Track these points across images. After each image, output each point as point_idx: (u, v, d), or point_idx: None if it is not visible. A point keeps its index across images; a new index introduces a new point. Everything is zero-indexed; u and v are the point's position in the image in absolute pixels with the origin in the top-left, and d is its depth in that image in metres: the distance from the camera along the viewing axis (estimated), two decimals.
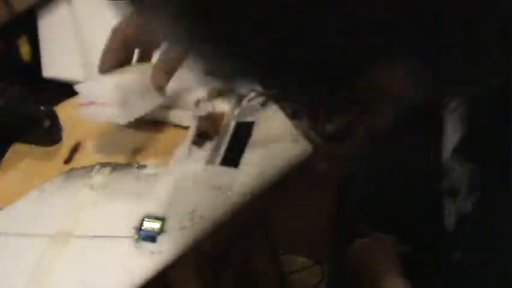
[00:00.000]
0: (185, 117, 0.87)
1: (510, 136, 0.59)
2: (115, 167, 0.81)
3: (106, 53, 0.83)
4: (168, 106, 0.89)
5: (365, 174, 0.88)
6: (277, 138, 0.80)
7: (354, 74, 0.40)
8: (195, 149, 0.81)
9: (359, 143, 0.68)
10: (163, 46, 0.82)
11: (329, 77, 0.39)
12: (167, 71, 0.81)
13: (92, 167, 0.81)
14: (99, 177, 0.79)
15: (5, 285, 0.69)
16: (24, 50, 1.03)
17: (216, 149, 0.82)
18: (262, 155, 0.78)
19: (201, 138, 0.81)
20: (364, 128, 0.66)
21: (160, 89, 0.82)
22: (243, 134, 0.83)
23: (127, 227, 0.72)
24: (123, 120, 0.78)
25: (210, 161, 0.80)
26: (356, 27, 0.35)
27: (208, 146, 0.81)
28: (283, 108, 0.85)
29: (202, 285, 0.84)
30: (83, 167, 0.82)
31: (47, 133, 0.89)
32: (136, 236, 0.70)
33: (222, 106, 0.86)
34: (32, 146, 0.90)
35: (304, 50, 0.36)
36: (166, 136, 0.87)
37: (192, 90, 0.91)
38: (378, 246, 0.85)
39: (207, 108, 0.86)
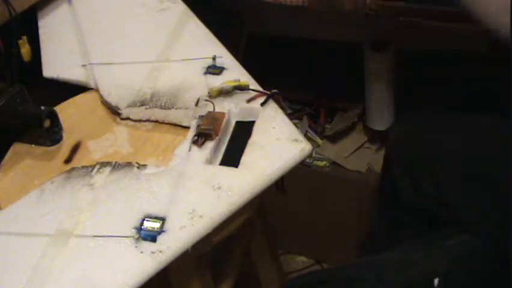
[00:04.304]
0: (185, 117, 0.87)
1: None
2: (115, 167, 0.81)
3: None
4: (168, 106, 0.89)
5: None
6: (277, 138, 0.80)
7: None
8: (194, 149, 0.81)
9: None
10: None
11: None
12: None
13: (92, 167, 0.81)
14: (99, 177, 0.79)
15: (5, 284, 0.69)
16: (24, 50, 1.03)
17: (216, 149, 0.82)
18: (262, 155, 0.78)
19: (200, 138, 0.81)
20: None
21: None
22: (243, 134, 0.83)
23: (127, 227, 0.72)
24: None
25: (210, 161, 0.80)
26: None
27: (208, 146, 0.81)
28: (283, 108, 0.85)
29: (202, 285, 0.84)
30: (83, 167, 0.82)
31: (47, 133, 0.89)
32: (136, 236, 0.70)
33: (222, 106, 0.86)
34: (32, 146, 0.90)
35: None
36: (166, 136, 0.87)
37: (192, 90, 0.91)
38: None
39: (207, 108, 0.86)
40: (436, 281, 0.76)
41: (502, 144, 0.81)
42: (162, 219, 0.72)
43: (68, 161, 0.87)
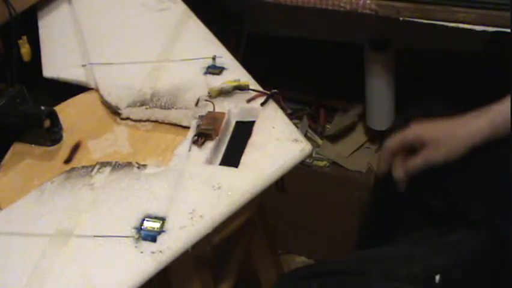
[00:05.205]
0: (185, 117, 0.87)
1: None
2: (115, 167, 0.81)
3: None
4: (168, 106, 0.90)
5: None
6: (277, 138, 0.80)
7: None
8: (194, 149, 0.81)
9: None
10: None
11: None
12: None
13: (92, 167, 0.81)
14: (99, 177, 0.79)
15: (5, 284, 0.69)
16: (24, 50, 1.03)
17: (216, 149, 0.82)
18: (262, 155, 0.78)
19: (200, 138, 0.81)
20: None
21: None
22: (243, 134, 0.83)
23: (127, 227, 0.72)
24: None
25: (210, 161, 0.80)
26: None
27: (208, 146, 0.81)
28: (283, 108, 0.85)
29: (202, 285, 0.85)
30: (83, 167, 0.82)
31: (47, 133, 0.89)
32: (136, 236, 0.70)
33: (222, 106, 0.86)
34: (32, 146, 0.90)
35: None
36: (166, 136, 0.87)
37: (192, 90, 0.91)
38: None
39: (207, 108, 0.86)
40: (438, 277, 0.76)
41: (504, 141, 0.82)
42: (162, 219, 0.72)
43: (68, 161, 0.87)
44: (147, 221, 0.72)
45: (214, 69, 0.93)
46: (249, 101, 0.86)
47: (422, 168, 0.84)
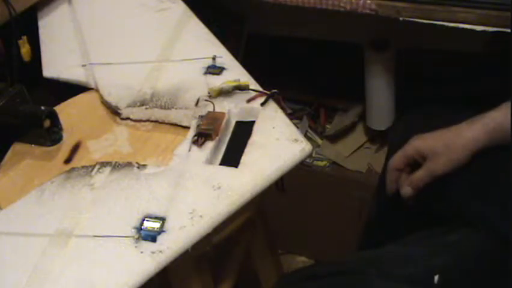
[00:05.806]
0: (185, 117, 0.87)
1: None
2: (115, 167, 0.81)
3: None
4: (168, 106, 0.90)
5: None
6: (277, 138, 0.80)
7: None
8: (194, 149, 0.81)
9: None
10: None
11: None
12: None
13: (92, 167, 0.81)
14: (99, 177, 0.80)
15: (5, 284, 0.69)
16: (24, 50, 1.03)
17: (216, 149, 0.82)
18: (262, 155, 0.78)
19: (200, 138, 0.81)
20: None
21: None
22: (243, 134, 0.83)
23: (127, 227, 0.72)
24: None
25: (210, 161, 0.80)
26: None
27: (208, 146, 0.81)
28: (283, 108, 0.85)
29: (202, 285, 0.85)
30: (83, 167, 0.82)
31: (47, 133, 0.89)
32: (136, 236, 0.70)
33: (222, 106, 0.86)
34: (32, 146, 0.90)
35: None
36: (166, 136, 0.87)
37: (192, 90, 0.91)
38: None
39: (207, 108, 0.86)
40: (436, 277, 0.76)
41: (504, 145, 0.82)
42: (162, 219, 0.72)
43: (68, 161, 0.87)
44: (147, 221, 0.72)
45: (214, 69, 0.93)
46: (249, 101, 0.86)
47: (427, 181, 0.85)
